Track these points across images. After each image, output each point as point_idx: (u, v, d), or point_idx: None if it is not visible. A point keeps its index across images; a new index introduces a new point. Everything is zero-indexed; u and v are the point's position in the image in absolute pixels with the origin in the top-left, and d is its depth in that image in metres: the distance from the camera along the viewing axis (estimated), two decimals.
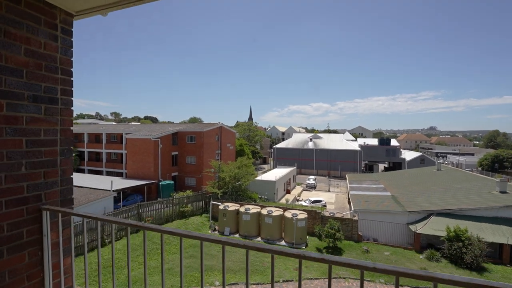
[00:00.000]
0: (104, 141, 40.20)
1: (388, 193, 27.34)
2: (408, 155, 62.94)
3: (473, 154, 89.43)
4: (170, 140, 35.31)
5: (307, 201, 32.94)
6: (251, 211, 21.19)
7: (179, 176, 36.12)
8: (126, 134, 35.96)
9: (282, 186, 36.69)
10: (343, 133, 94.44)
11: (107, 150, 39.84)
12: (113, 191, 23.71)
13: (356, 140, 77.31)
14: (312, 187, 46.71)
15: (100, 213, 19.05)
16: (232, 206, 22.34)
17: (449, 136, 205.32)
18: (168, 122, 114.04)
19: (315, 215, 21.87)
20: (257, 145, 79.35)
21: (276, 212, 20.93)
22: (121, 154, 38.61)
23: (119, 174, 37.03)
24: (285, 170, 42.80)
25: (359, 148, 60.84)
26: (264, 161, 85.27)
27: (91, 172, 38.78)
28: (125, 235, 19.37)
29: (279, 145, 70.22)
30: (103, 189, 24.06)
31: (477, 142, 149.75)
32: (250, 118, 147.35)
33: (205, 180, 32.51)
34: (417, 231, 19.18)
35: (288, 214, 20.50)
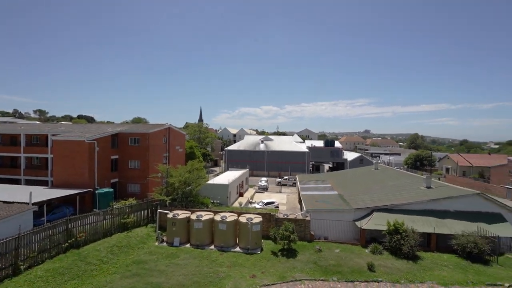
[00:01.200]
0: (23, 144, 33.62)
1: (336, 192, 28.92)
2: (349, 155, 68.71)
3: (399, 154, 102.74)
4: (110, 143, 31.33)
5: (260, 204, 32.85)
6: (203, 218, 19.88)
7: (120, 182, 32.30)
8: (53, 135, 30.64)
9: (235, 189, 35.95)
10: (292, 135, 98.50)
11: (26, 155, 33.39)
12: (34, 203, 19.64)
13: (304, 142, 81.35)
14: (264, 189, 47.15)
15: (14, 233, 15.41)
16: (182, 214, 20.65)
17: (380, 138, 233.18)
18: (107, 122, 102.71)
19: (270, 218, 21.67)
20: (208, 147, 77.09)
21: (231, 217, 20.05)
22: (46, 158, 32.79)
23: (44, 183, 31.33)
24: (237, 173, 42.18)
25: (307, 150, 64.01)
26: (216, 164, 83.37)
27: (4, 181, 31.96)
28: (49, 257, 16.10)
29: (231, 147, 69.39)
30: (19, 202, 19.75)
31: (402, 143, 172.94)
32: (201, 119, 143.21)
33: (151, 186, 29.70)
34: (362, 227, 20.49)
35: (243, 218, 19.83)
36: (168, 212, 21.18)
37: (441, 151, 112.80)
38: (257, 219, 19.85)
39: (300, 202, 35.69)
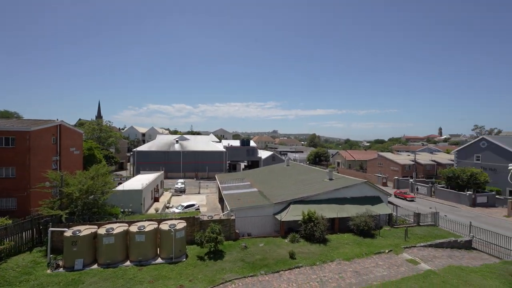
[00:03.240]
0: None
1: (255, 189, 30.29)
2: (263, 154, 73.43)
3: (302, 152, 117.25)
4: None
5: (179, 207, 30.95)
6: (115, 231, 17.08)
7: None
8: None
9: (149, 194, 32.61)
10: (208, 135, 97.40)
11: None
12: None
13: (220, 142, 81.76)
14: (181, 191, 44.74)
15: None
16: (86, 230, 17.14)
17: (286, 138, 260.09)
18: None
19: (194, 222, 20.67)
20: (111, 148, 67.08)
21: (150, 226, 17.99)
22: None
23: None
24: (151, 176, 38.45)
25: (225, 149, 64.61)
26: (121, 167, 73.51)
27: None
28: None
29: (141, 148, 62.58)
30: None
31: (304, 142, 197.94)
32: (99, 116, 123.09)
33: (36, 199, 23.44)
34: (282, 220, 22.21)
35: (165, 226, 18.15)
36: (65, 229, 17.16)
37: (332, 149, 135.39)
38: (181, 224, 18.58)
39: (221, 201, 35.67)
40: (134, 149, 62.03)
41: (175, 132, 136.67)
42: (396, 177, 57.39)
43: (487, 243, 22.33)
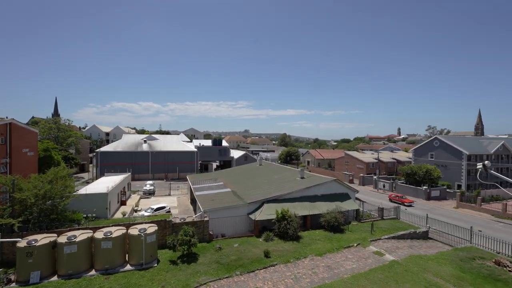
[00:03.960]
0: None
1: (229, 189, 30.06)
2: (236, 154, 73.14)
3: (274, 151, 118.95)
4: None
5: (149, 210, 29.58)
6: (78, 239, 15.81)
7: None
8: None
9: (115, 198, 30.72)
10: (179, 134, 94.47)
11: None
12: None
13: (191, 142, 79.77)
14: (150, 194, 42.83)
15: None
16: (44, 239, 15.62)
17: (258, 137, 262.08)
18: None
19: (165, 225, 19.90)
20: (71, 149, 62.04)
21: (118, 232, 16.95)
22: None
23: None
24: (117, 178, 36.24)
25: (196, 149, 63.20)
26: (83, 169, 68.34)
27: None
28: None
29: (105, 148, 58.71)
30: None
31: (275, 142, 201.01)
32: (56, 114, 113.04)
33: None
34: (256, 219, 22.32)
35: (134, 230, 17.23)
36: (19, 239, 15.47)
37: (302, 148, 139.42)
38: (152, 228, 17.78)
39: (193, 203, 34.79)
40: (98, 150, 57.96)
41: (142, 132, 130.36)
42: (361, 174, 60.81)
43: (441, 232, 24.64)
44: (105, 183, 31.32)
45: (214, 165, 73.72)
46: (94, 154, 59.93)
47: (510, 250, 20.08)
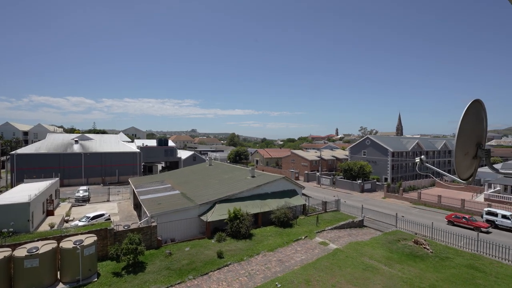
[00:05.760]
0: None
1: (177, 191, 28.74)
2: (183, 154, 70.24)
3: (223, 151, 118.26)
4: None
5: (84, 219, 26.25)
6: None
7: None
8: None
9: (40, 208, 26.37)
10: (118, 134, 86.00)
11: None
12: None
13: (133, 142, 73.57)
14: (84, 200, 38.04)
15: None
16: None
17: (206, 137, 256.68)
18: None
19: (106, 234, 17.96)
20: None
21: (46, 246, 14.61)
22: None
23: None
24: (40, 185, 31.17)
25: (139, 150, 58.60)
26: None
27: None
28: None
29: (24, 150, 49.83)
30: None
31: (223, 141, 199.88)
32: None
33: None
34: (208, 220, 21.88)
35: (68, 243, 15.11)
36: None
37: (251, 147, 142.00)
38: (90, 239, 15.86)
39: (137, 208, 32.21)
40: (13, 152, 48.75)
41: (72, 131, 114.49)
42: (306, 172, 65.02)
43: (373, 220, 28.08)
44: (26, 191, 26.62)
45: (160, 166, 69.46)
46: (8, 157, 50.16)
47: (424, 231, 24.11)
